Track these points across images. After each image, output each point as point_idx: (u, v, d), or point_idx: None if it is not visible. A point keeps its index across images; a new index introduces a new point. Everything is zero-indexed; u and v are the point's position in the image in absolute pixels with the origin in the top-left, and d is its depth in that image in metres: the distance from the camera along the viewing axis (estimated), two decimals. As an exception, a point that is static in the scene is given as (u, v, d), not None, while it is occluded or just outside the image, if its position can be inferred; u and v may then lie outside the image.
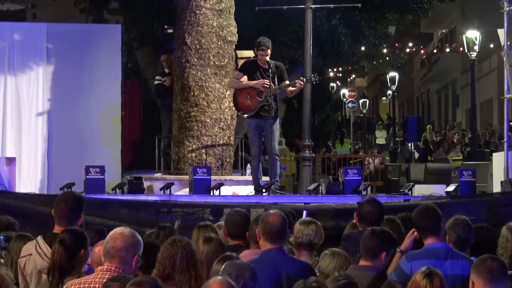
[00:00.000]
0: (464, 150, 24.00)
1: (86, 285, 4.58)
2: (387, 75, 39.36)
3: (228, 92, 12.53)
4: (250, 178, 12.10)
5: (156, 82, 13.92)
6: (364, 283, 5.12)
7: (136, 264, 4.66)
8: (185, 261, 4.98)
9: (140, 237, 4.73)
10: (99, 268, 4.66)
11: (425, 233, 5.56)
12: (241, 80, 10.83)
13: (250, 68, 10.87)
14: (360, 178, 11.00)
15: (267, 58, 10.71)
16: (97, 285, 4.53)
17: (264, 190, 10.74)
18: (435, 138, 30.50)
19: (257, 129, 10.83)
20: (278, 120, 11.00)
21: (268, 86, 10.62)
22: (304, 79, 10.96)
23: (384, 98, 53.82)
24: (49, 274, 5.03)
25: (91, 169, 10.79)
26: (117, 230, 4.71)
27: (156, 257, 5.01)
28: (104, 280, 4.46)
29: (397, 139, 29.88)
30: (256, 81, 10.71)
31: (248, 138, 11.06)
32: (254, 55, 11.51)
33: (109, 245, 4.63)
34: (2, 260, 6.06)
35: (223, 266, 4.64)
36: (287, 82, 10.84)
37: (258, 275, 4.52)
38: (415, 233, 5.70)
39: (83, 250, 5.11)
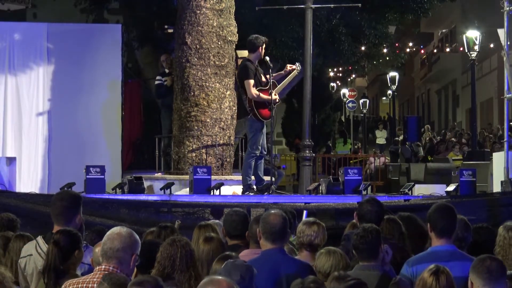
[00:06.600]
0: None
1: (84, 285, 4.58)
2: (387, 75, 39.35)
3: (228, 92, 12.54)
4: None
5: (156, 82, 13.92)
6: (372, 282, 5.11)
7: (134, 264, 4.65)
8: (185, 260, 4.99)
9: (137, 236, 4.71)
10: (97, 268, 4.66)
11: (438, 233, 5.42)
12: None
13: (254, 72, 10.98)
14: (360, 178, 11.02)
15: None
16: (94, 285, 4.52)
17: (255, 189, 10.90)
18: (428, 138, 30.48)
19: (263, 130, 11.01)
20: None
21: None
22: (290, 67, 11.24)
23: (384, 98, 53.85)
24: (44, 275, 5.02)
25: (91, 168, 10.79)
26: (114, 230, 4.68)
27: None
28: None
29: (397, 139, 29.87)
30: (268, 98, 10.91)
31: (255, 138, 11.08)
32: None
33: (107, 246, 4.61)
34: (3, 259, 6.06)
35: (222, 266, 4.62)
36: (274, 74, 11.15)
37: (257, 275, 4.51)
38: None
39: (77, 251, 5.10)
